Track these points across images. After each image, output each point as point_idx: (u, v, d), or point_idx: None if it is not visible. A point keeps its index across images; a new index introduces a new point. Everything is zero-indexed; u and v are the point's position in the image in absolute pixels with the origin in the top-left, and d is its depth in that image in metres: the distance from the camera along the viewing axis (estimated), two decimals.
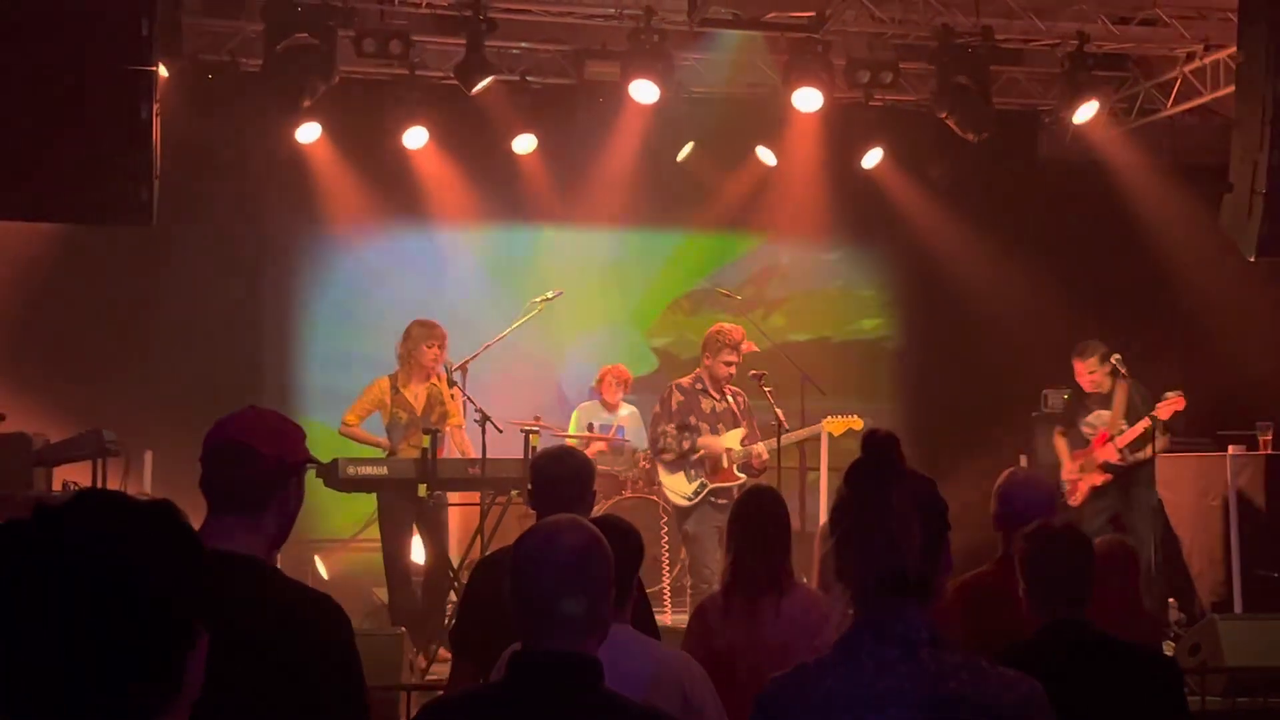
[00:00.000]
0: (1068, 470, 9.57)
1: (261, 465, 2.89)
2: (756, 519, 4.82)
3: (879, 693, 2.23)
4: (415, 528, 8.73)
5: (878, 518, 2.31)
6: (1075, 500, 9.53)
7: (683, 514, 8.84)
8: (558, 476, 4.45)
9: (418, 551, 8.93)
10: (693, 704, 3.49)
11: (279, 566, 5.00)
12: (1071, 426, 9.68)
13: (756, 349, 9.17)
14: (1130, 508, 9.35)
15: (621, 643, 3.43)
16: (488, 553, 6.80)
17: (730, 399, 8.86)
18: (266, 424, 2.99)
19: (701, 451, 8.72)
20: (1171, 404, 9.22)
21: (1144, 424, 9.25)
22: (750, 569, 4.69)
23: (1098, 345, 9.49)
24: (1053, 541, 3.76)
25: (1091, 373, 9.48)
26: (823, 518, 7.80)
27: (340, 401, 9.53)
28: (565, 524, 2.75)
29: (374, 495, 8.61)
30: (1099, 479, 9.47)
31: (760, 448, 8.78)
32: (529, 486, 4.53)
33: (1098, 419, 9.52)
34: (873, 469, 2.37)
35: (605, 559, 2.71)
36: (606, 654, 2.80)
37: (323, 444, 9.03)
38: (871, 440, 2.39)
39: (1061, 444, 9.77)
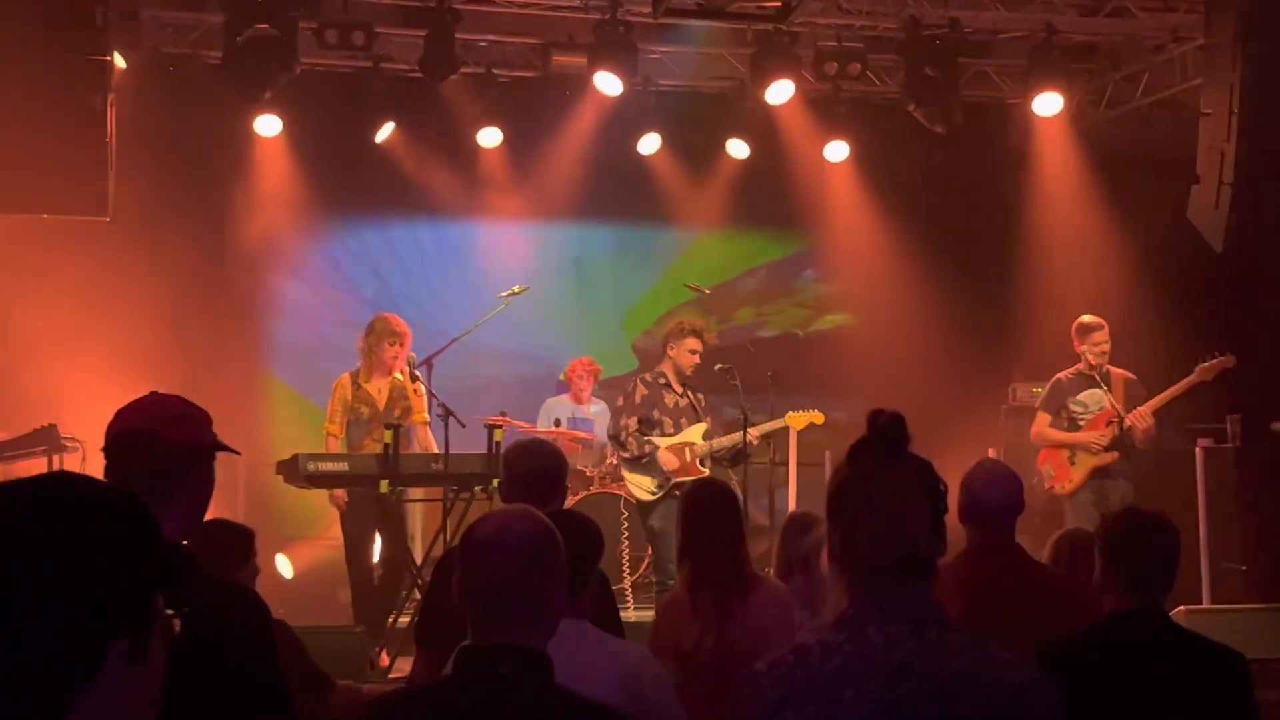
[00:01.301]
0: (1050, 456, 9.02)
1: (167, 451, 2.81)
2: (709, 513, 4.75)
3: (891, 667, 2.22)
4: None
5: (887, 498, 2.30)
6: (1067, 487, 8.94)
7: (647, 509, 8.78)
8: (529, 469, 4.41)
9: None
10: (650, 700, 3.42)
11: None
12: (1058, 413, 9.13)
13: (716, 340, 9.14)
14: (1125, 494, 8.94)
15: (578, 637, 3.37)
16: (451, 548, 6.71)
17: (690, 394, 8.84)
18: (170, 409, 2.89)
19: (657, 456, 8.67)
20: (1220, 364, 8.72)
21: (1189, 380, 8.74)
22: (714, 567, 4.62)
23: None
24: (1143, 528, 3.68)
25: (1100, 344, 8.90)
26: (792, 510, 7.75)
27: (305, 395, 9.42)
28: (516, 514, 2.67)
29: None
30: (1107, 459, 8.87)
31: (731, 440, 8.73)
32: (498, 480, 4.47)
33: (1092, 399, 8.97)
34: (878, 449, 2.33)
35: (556, 551, 2.63)
36: (563, 648, 2.73)
37: (288, 441, 8.96)
38: (877, 420, 2.35)
39: (1045, 431, 9.14)
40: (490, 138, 11.06)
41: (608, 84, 10.24)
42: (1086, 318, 9.08)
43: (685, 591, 4.71)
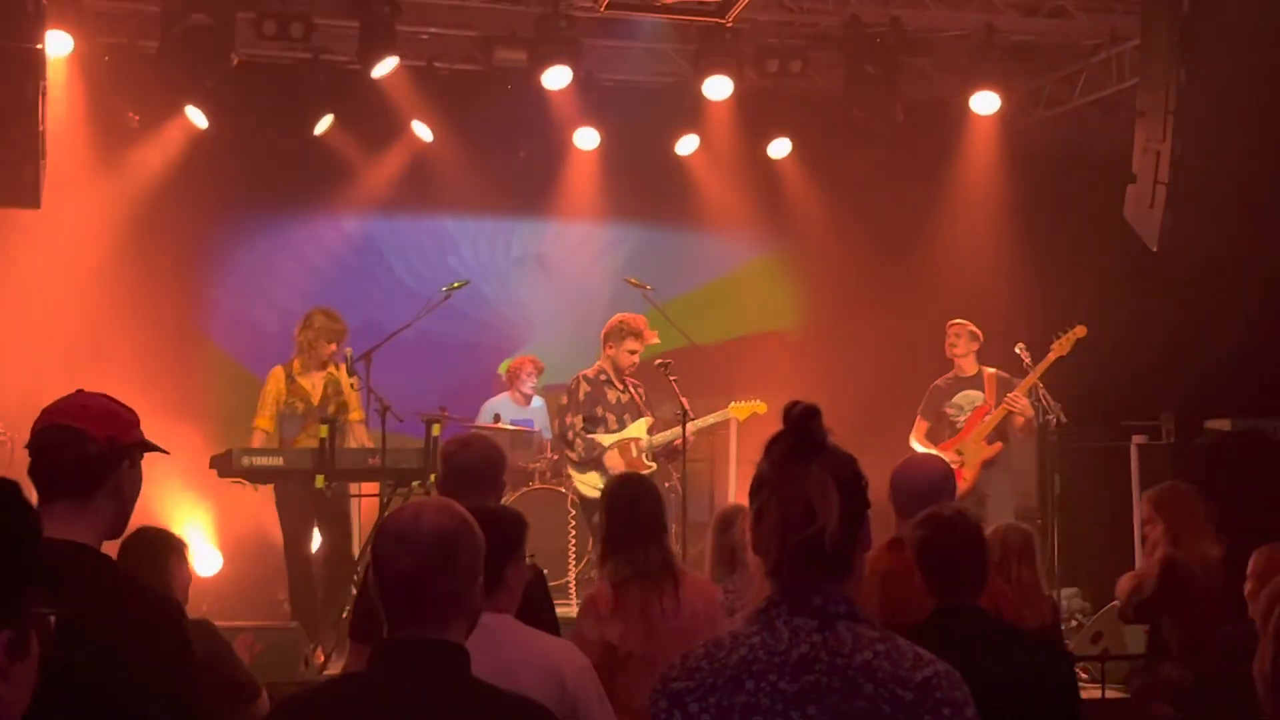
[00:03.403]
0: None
1: (90, 447, 2.80)
2: (634, 508, 4.74)
3: (793, 661, 2.22)
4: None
5: (796, 489, 2.28)
6: (961, 487, 8.58)
7: (593, 506, 8.76)
8: (467, 463, 4.39)
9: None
10: (572, 693, 3.42)
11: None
12: (937, 420, 9.33)
13: (657, 339, 9.13)
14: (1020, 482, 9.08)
15: (499, 631, 3.35)
16: None
17: (632, 389, 8.85)
18: (95, 406, 2.89)
19: (606, 461, 8.71)
20: (1072, 335, 8.93)
21: (1049, 358, 8.92)
22: (642, 560, 4.61)
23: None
24: (944, 527, 3.80)
25: (958, 336, 9.21)
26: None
27: (238, 389, 9.32)
28: (428, 506, 2.66)
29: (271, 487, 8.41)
30: (990, 451, 9.08)
31: (675, 434, 8.72)
32: (435, 474, 4.45)
33: (965, 399, 9.21)
34: (792, 441, 2.33)
35: (472, 543, 2.61)
36: (486, 643, 2.71)
37: (220, 440, 8.85)
38: (791, 413, 2.35)
39: (921, 438, 9.30)
40: (431, 131, 10.99)
41: (550, 78, 10.21)
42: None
43: (609, 585, 4.68)
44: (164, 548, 4.79)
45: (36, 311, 9.88)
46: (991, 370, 9.24)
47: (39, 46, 7.78)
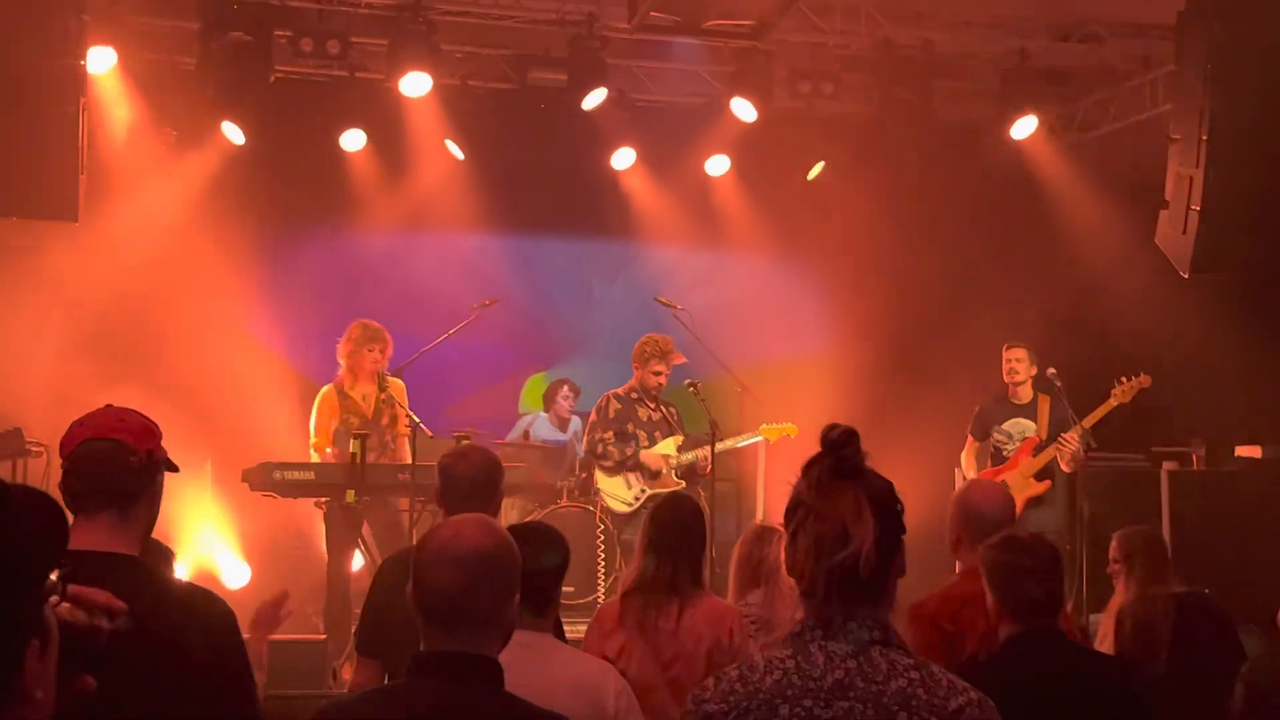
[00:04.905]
0: None
1: (133, 460, 2.88)
2: (669, 525, 4.76)
3: (827, 686, 2.22)
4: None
5: (831, 512, 2.28)
6: None
7: (622, 522, 8.82)
8: (464, 475, 4.42)
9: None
10: (612, 714, 3.42)
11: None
12: (984, 439, 9.27)
13: (685, 360, 9.14)
14: (1064, 520, 9.02)
15: (540, 648, 3.38)
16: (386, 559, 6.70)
17: (664, 407, 8.89)
18: (132, 420, 2.98)
19: (642, 458, 8.76)
20: (1136, 384, 8.81)
21: (1108, 404, 8.80)
22: (654, 575, 4.63)
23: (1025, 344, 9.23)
24: (1021, 551, 3.74)
25: (1018, 360, 9.10)
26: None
27: (277, 411, 9.37)
28: (472, 523, 2.69)
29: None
30: (1039, 489, 8.99)
31: (704, 451, 8.75)
32: (436, 485, 4.49)
33: (1015, 427, 9.12)
34: (829, 464, 2.33)
35: (511, 561, 2.64)
36: (524, 660, 2.74)
37: (245, 456, 8.87)
38: (829, 435, 2.35)
39: (971, 458, 9.26)
40: (464, 149, 11.05)
41: (584, 98, 10.25)
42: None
43: (618, 598, 4.72)
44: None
45: (74, 324, 9.95)
46: (1046, 397, 9.05)
47: (80, 63, 7.89)
